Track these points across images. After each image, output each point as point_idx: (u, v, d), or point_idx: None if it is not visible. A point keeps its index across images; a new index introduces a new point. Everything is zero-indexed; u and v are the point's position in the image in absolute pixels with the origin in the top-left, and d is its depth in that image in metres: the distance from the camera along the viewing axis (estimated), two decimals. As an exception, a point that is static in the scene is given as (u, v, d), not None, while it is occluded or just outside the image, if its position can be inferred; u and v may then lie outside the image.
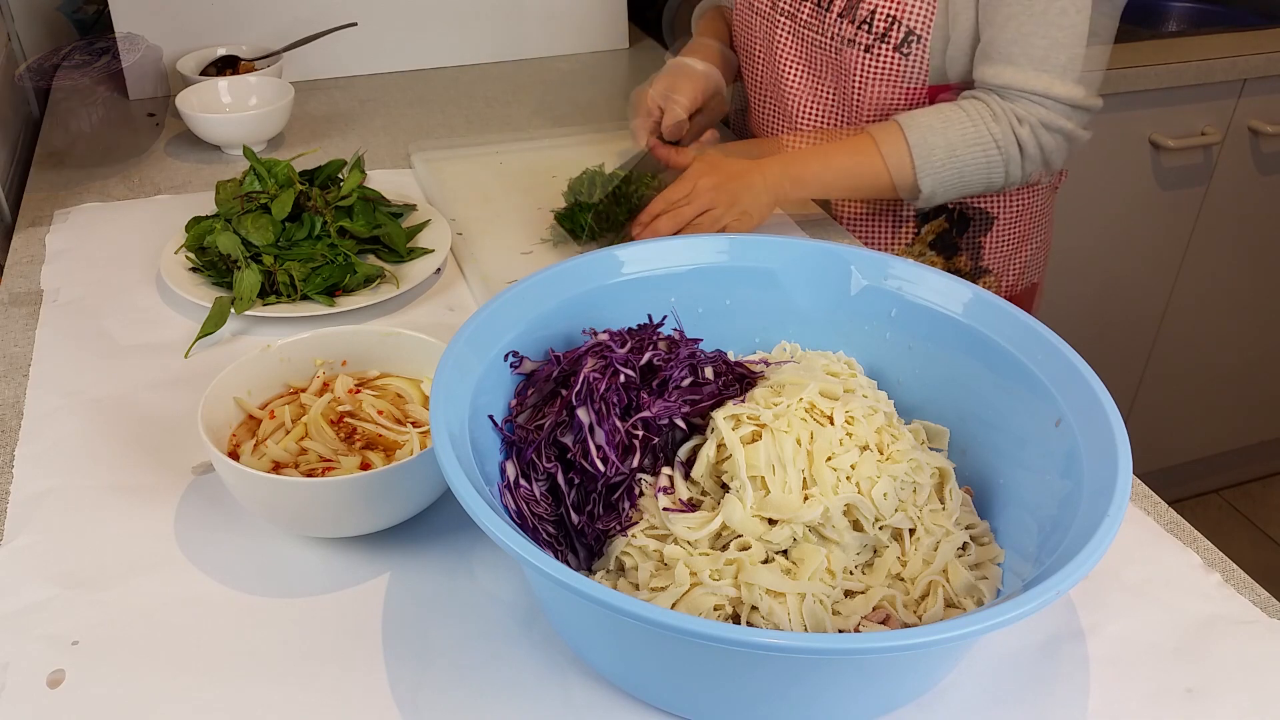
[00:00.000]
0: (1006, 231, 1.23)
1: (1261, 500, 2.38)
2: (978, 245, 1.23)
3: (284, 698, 0.62)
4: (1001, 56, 1.05)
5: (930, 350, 0.77)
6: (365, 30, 1.53)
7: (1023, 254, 1.27)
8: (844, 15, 1.12)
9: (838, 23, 1.12)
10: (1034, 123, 1.06)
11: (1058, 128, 1.06)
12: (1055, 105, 1.06)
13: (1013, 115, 1.06)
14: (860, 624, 0.61)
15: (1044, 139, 1.06)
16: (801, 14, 1.16)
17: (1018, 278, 1.28)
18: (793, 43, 1.19)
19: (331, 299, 0.98)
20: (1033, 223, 1.26)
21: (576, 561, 0.67)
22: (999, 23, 1.05)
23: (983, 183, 1.09)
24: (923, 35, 1.08)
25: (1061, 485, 0.63)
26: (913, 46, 1.09)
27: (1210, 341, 2.09)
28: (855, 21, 1.11)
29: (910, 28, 1.08)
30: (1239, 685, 0.65)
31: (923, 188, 1.07)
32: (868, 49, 1.11)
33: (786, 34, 1.19)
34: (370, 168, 1.25)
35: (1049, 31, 1.03)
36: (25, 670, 0.63)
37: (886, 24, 1.09)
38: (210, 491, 0.78)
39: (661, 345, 0.73)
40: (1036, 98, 1.05)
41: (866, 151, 1.08)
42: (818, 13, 1.14)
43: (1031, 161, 1.07)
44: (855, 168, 1.08)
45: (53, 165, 1.28)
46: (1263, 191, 1.91)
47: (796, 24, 1.17)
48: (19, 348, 0.93)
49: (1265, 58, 1.73)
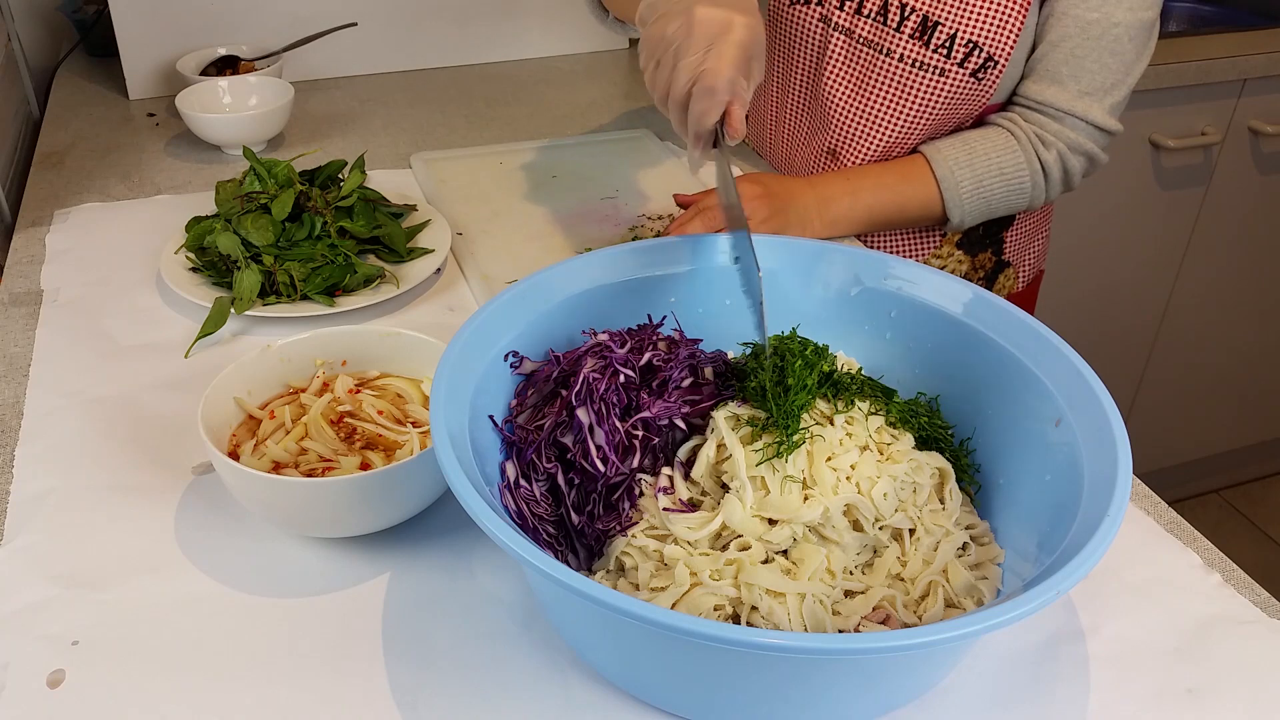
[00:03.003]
0: (1023, 224, 1.25)
1: (1261, 500, 2.38)
2: (1000, 241, 1.24)
3: (284, 698, 0.62)
4: (1050, 75, 1.06)
5: (930, 350, 0.77)
6: (365, 30, 1.53)
7: (1035, 244, 1.30)
8: (915, 37, 1.08)
9: (908, 44, 1.08)
10: (1061, 148, 1.07)
11: (1084, 151, 1.08)
12: (1087, 130, 1.07)
13: (1036, 140, 1.07)
14: (860, 624, 0.61)
15: (1069, 162, 1.08)
16: (859, 30, 1.11)
17: (1031, 267, 1.30)
18: (845, 60, 1.14)
19: (331, 299, 0.98)
20: (1043, 216, 1.29)
21: (576, 562, 0.67)
22: (1053, 40, 1.05)
23: (1007, 207, 1.12)
24: (1000, 61, 1.06)
25: (1061, 485, 0.63)
26: (989, 72, 1.07)
27: (1210, 341, 2.09)
28: (930, 45, 1.07)
29: (990, 54, 1.06)
30: (1239, 685, 0.65)
31: (951, 217, 1.11)
32: (942, 73, 1.08)
33: (839, 51, 1.14)
34: (370, 168, 1.25)
35: (1101, 57, 1.04)
36: (25, 670, 0.63)
37: (966, 49, 1.06)
38: (210, 491, 0.77)
39: (661, 345, 0.73)
40: (1072, 120, 1.06)
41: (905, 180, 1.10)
42: (881, 31, 1.10)
43: (1054, 185, 1.10)
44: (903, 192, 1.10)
45: (53, 165, 1.28)
46: (1263, 191, 1.92)
47: (852, 41, 1.13)
48: (19, 348, 0.93)
49: (1265, 58, 1.73)
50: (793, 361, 0.68)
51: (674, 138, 1.38)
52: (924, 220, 1.13)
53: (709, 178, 1.25)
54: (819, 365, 0.68)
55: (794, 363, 0.68)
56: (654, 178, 1.27)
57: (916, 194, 1.10)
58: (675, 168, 1.29)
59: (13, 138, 1.37)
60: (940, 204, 1.10)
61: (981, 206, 1.11)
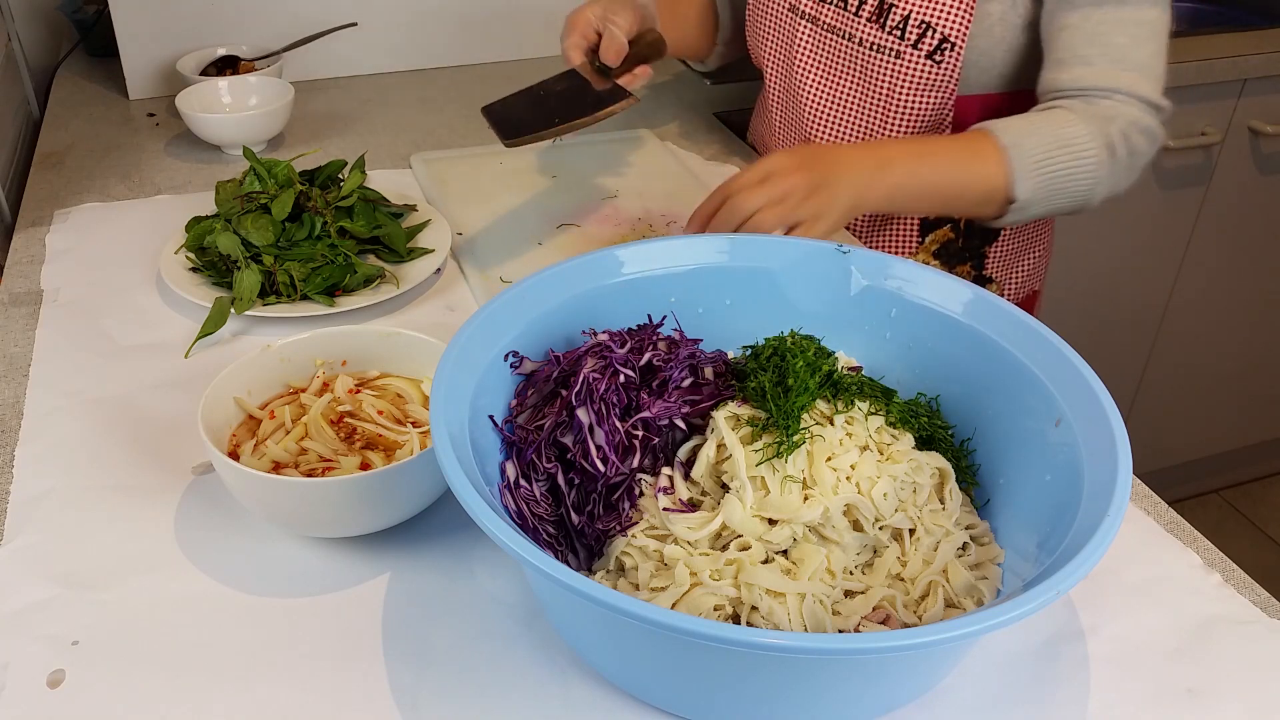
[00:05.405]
0: (1010, 241, 1.20)
1: (1261, 500, 2.38)
2: (981, 255, 1.20)
3: (284, 698, 0.62)
4: (1078, 59, 0.98)
5: (930, 350, 0.77)
6: (365, 30, 1.53)
7: (1026, 262, 1.24)
8: (873, 20, 1.06)
9: (866, 27, 1.07)
10: (1123, 124, 0.96)
11: (1144, 127, 0.97)
12: (1140, 104, 0.98)
13: (1101, 117, 0.97)
14: (860, 624, 0.61)
15: (1135, 140, 0.98)
16: (823, 17, 1.11)
17: (1020, 286, 1.25)
18: (812, 47, 1.14)
19: (331, 299, 0.98)
20: (1036, 231, 1.23)
21: (576, 562, 0.67)
22: (1072, 24, 0.99)
23: (1074, 191, 0.99)
24: (957, 43, 1.03)
25: (1061, 485, 0.63)
26: (946, 54, 1.04)
27: (1210, 341, 2.09)
28: (886, 27, 1.06)
29: (945, 35, 1.03)
30: (1239, 685, 0.65)
31: (1018, 194, 0.97)
32: (898, 55, 1.06)
33: (806, 38, 1.14)
34: (370, 168, 1.25)
35: (1127, 28, 0.97)
36: (25, 670, 0.63)
37: (920, 30, 1.04)
38: (210, 491, 0.77)
39: (661, 345, 0.73)
40: (1121, 96, 0.97)
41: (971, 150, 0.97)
42: (842, 16, 1.09)
43: (1121, 165, 0.98)
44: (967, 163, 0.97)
45: (53, 165, 1.28)
46: (1263, 191, 1.92)
47: (818, 28, 1.12)
48: (19, 348, 0.93)
49: (1265, 58, 1.73)
50: (794, 362, 0.68)
51: (674, 138, 1.38)
52: (989, 201, 0.99)
53: (710, 179, 1.26)
54: (822, 367, 0.68)
55: (795, 363, 0.68)
56: (654, 178, 1.27)
57: (982, 166, 0.97)
58: (675, 168, 1.29)
59: (13, 138, 1.37)
60: (1005, 181, 0.96)
61: (1048, 184, 0.97)
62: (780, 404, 0.65)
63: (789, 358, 0.68)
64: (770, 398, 0.66)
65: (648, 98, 1.50)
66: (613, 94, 1.05)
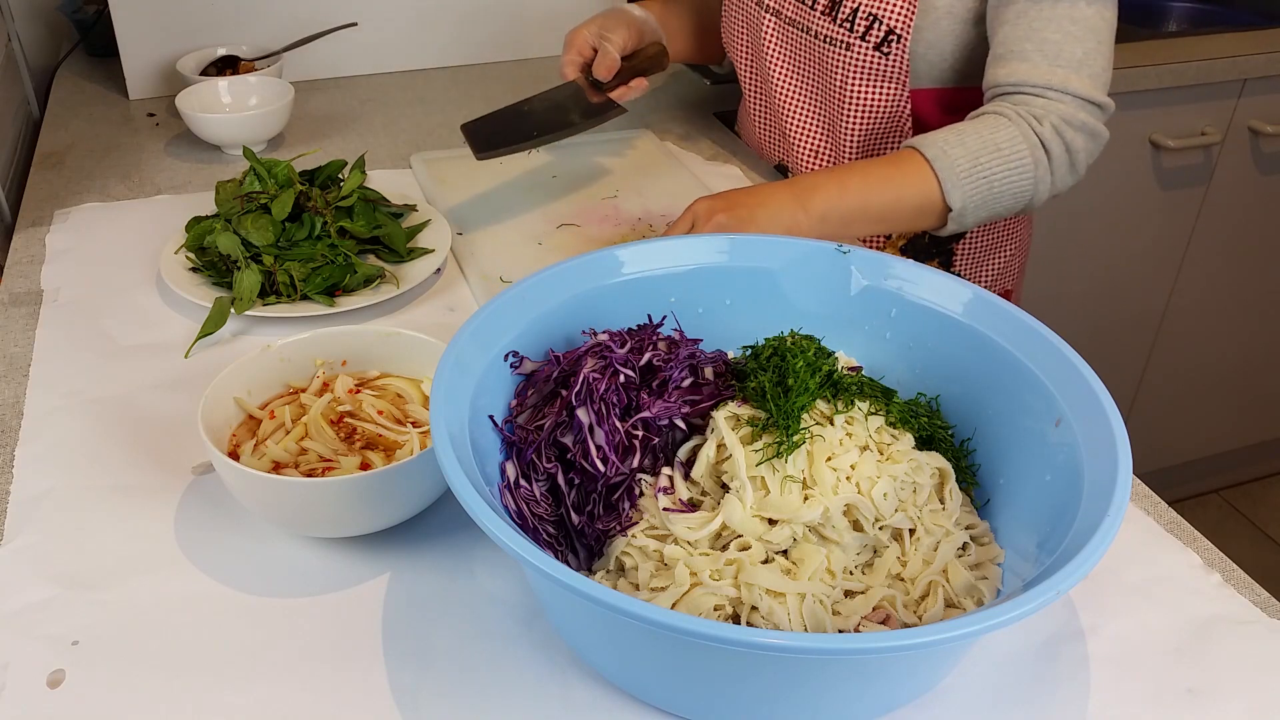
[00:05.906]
0: (979, 239, 1.21)
1: (1261, 500, 2.38)
2: (949, 252, 1.21)
3: (284, 698, 0.62)
4: (1014, 54, 1.01)
5: (930, 350, 0.77)
6: (365, 30, 1.53)
7: (996, 261, 1.24)
8: (826, 14, 1.11)
9: (821, 20, 1.12)
10: (1054, 120, 0.99)
11: (1080, 124, 0.99)
12: (1073, 101, 1.00)
13: (1029, 116, 0.99)
14: (860, 624, 0.61)
15: (1069, 137, 0.99)
16: (785, 11, 1.16)
17: (990, 284, 1.25)
18: (777, 39, 1.18)
19: (331, 299, 0.98)
20: (1006, 230, 1.23)
21: (576, 562, 0.67)
22: (1010, 19, 1.01)
23: (1013, 193, 1.01)
24: (902, 35, 1.07)
25: (1061, 485, 0.63)
26: (892, 46, 1.07)
27: (1210, 341, 2.09)
28: (837, 20, 1.10)
29: (890, 27, 1.07)
30: (1239, 685, 0.65)
31: (952, 203, 0.99)
32: (848, 47, 1.10)
33: (771, 30, 1.18)
34: (370, 168, 1.25)
35: (1062, 25, 0.99)
36: (25, 670, 0.63)
37: (867, 22, 1.08)
38: (210, 491, 0.77)
39: (661, 345, 0.73)
40: (1053, 93, 0.99)
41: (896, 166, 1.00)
42: (800, 9, 1.14)
43: (1059, 163, 1.00)
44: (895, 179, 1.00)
45: (53, 165, 1.28)
46: (1263, 191, 1.92)
47: (781, 20, 1.17)
48: (19, 348, 0.93)
49: (1265, 58, 1.73)
50: (794, 362, 0.68)
51: (674, 138, 1.39)
52: (925, 213, 1.02)
53: (710, 179, 1.26)
54: (822, 367, 0.68)
55: (795, 363, 0.68)
56: (654, 178, 1.27)
57: (910, 181, 1.00)
58: (675, 168, 1.29)
59: (13, 138, 1.37)
60: (939, 190, 0.99)
61: (983, 189, 0.99)
62: (780, 404, 0.65)
63: (789, 358, 0.68)
64: (770, 398, 0.66)
65: (648, 98, 1.50)
66: (603, 107, 1.17)
